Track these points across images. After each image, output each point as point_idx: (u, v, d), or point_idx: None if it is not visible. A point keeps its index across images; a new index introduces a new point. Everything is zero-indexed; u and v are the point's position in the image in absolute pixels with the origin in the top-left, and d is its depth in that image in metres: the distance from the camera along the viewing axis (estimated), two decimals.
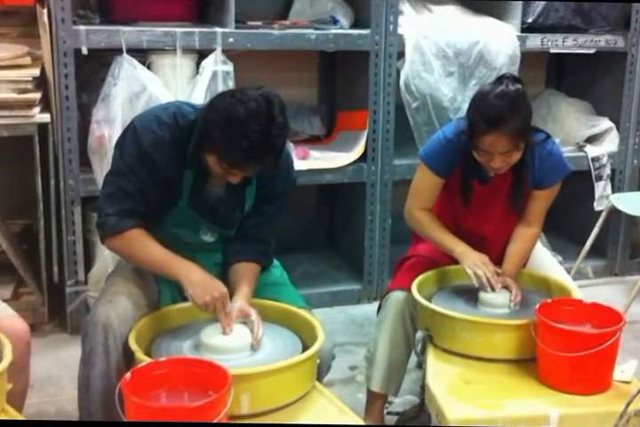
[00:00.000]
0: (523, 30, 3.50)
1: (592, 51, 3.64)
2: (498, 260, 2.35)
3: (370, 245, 3.52)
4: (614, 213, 3.69)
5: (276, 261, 2.28)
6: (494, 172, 2.26)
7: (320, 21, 3.28)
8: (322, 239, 3.96)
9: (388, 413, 2.56)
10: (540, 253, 2.55)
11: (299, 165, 3.25)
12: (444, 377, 2.03)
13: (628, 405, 1.84)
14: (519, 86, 2.18)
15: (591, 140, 3.89)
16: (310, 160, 3.36)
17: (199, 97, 2.95)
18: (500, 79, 2.20)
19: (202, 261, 2.06)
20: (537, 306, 2.03)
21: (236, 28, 3.04)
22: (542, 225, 2.41)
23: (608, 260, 4.03)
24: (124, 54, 2.88)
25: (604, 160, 3.84)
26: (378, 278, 3.55)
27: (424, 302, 2.17)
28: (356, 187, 3.49)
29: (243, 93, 1.83)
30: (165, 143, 1.93)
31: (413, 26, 3.31)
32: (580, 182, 3.88)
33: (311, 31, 3.18)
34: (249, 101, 1.79)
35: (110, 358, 1.86)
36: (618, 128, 3.84)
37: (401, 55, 3.33)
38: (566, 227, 4.24)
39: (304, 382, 1.83)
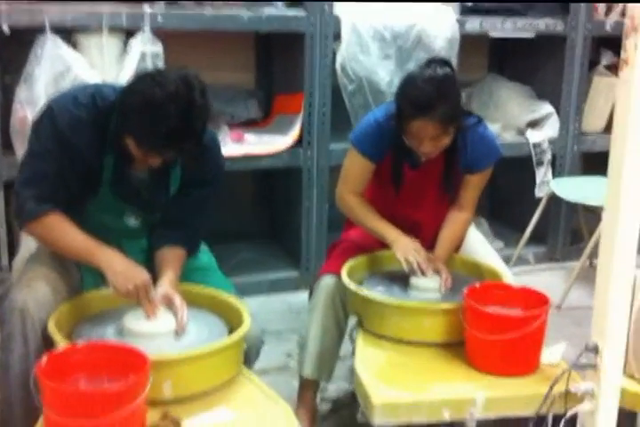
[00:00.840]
0: (462, 13, 3.57)
1: (532, 35, 3.72)
2: (431, 245, 2.42)
3: (307, 232, 3.56)
4: (555, 199, 3.79)
5: (204, 247, 2.31)
6: (425, 156, 2.32)
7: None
8: (260, 227, 3.99)
9: (322, 399, 2.62)
10: (474, 238, 2.62)
11: (233, 149, 3.29)
12: (372, 362, 2.08)
13: (552, 387, 1.92)
14: (448, 70, 2.23)
15: (532, 125, 3.98)
16: (245, 144, 3.38)
17: (126, 78, 2.94)
18: (429, 63, 2.25)
19: (128, 247, 2.08)
20: (465, 290, 2.10)
21: (166, 7, 3.05)
22: (474, 210, 2.48)
23: (549, 246, 4.13)
24: (48, 33, 2.86)
25: (545, 146, 3.94)
26: (316, 265, 3.59)
27: (353, 286, 2.23)
28: (292, 172, 3.53)
29: (161, 75, 1.84)
30: (83, 124, 1.93)
31: (350, 7, 3.35)
32: (521, 168, 3.98)
33: (244, 12, 3.20)
34: (167, 84, 1.81)
35: (29, 343, 1.87)
36: (558, 113, 3.94)
37: (337, 37, 3.36)
38: (508, 213, 4.34)
39: (228, 368, 1.86)
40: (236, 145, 3.36)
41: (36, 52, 2.86)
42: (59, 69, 2.87)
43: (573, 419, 1.94)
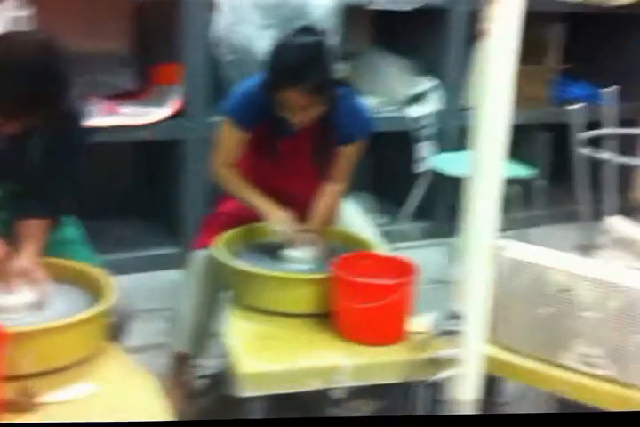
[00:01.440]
0: None
1: (410, 8, 3.80)
2: (306, 217, 2.46)
3: (187, 207, 3.55)
4: (437, 173, 3.90)
5: (71, 220, 2.28)
6: (297, 126, 2.35)
7: None
8: (139, 201, 3.96)
9: (202, 376, 2.64)
10: (350, 211, 2.68)
11: (106, 120, 3.25)
12: (242, 333, 2.12)
13: (417, 352, 2.01)
14: (319, 39, 2.26)
15: (415, 100, 4.07)
16: (119, 116, 3.35)
17: None
18: (300, 31, 2.27)
19: None
20: (334, 260, 2.15)
21: None
22: (348, 182, 2.53)
23: (434, 221, 4.24)
24: None
25: (426, 121, 4.04)
26: None
27: (224, 258, 2.25)
28: (172, 145, 3.51)
29: (16, 40, 1.81)
30: None
31: None
32: (403, 143, 4.07)
33: None
34: (21, 49, 1.78)
35: None
36: (441, 88, 4.04)
37: (214, 6, 3.35)
38: (394, 189, 4.44)
39: (91, 342, 1.86)
40: (110, 116, 3.31)
41: None
42: None
43: (441, 385, 2.04)
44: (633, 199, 4.40)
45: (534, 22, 4.29)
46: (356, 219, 2.65)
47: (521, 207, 3.48)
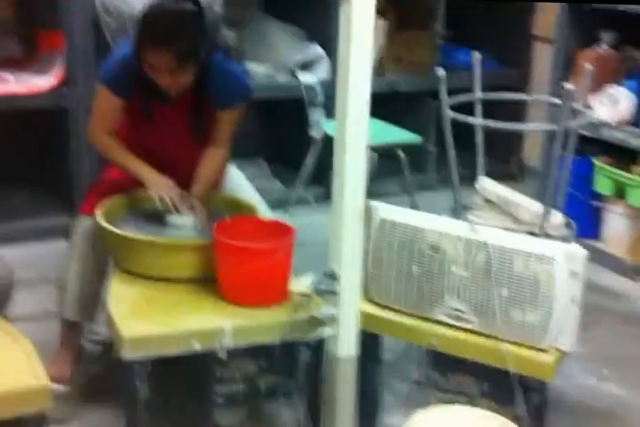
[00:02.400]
0: None
1: None
2: (189, 183, 2.46)
3: (76, 175, 3.50)
4: (330, 139, 3.92)
5: None
6: (170, 91, 2.34)
7: None
8: (29, 171, 3.87)
9: (95, 342, 2.64)
10: (234, 176, 2.70)
11: None
12: (124, 299, 2.13)
13: (294, 313, 2.06)
14: (190, 5, 2.26)
15: (304, 67, 4.09)
16: (3, 84, 3.26)
17: None
18: None
19: None
20: (215, 225, 2.17)
21: None
22: (230, 146, 2.54)
23: (327, 186, 4.27)
24: None
25: (318, 87, 4.06)
26: None
27: (105, 225, 2.24)
28: (58, 113, 3.44)
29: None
30: None
31: None
32: (297, 110, 4.09)
33: None
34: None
35: None
36: (330, 56, 4.06)
37: None
38: (288, 155, 4.45)
39: None
40: None
41: None
42: None
43: (321, 343, 2.09)
44: (519, 161, 4.56)
45: None
46: (241, 184, 2.67)
47: (410, 172, 3.55)
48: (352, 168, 2.01)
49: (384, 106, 4.27)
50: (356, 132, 1.99)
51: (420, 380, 2.19)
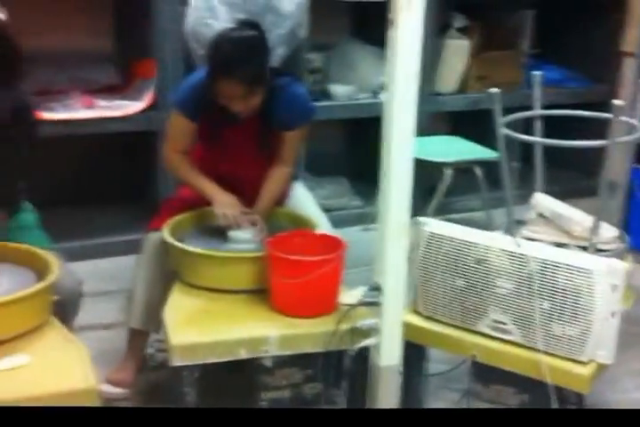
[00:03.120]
0: None
1: None
2: (254, 201, 2.55)
3: (160, 194, 3.65)
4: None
5: (28, 205, 2.40)
6: (239, 115, 2.44)
7: None
8: (121, 189, 4.06)
9: (159, 350, 2.75)
10: (299, 193, 2.77)
11: (83, 114, 3.37)
12: (180, 309, 2.22)
13: (338, 323, 2.09)
14: (255, 33, 2.36)
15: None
16: (96, 109, 3.46)
17: None
18: (238, 25, 2.38)
19: None
20: (269, 239, 2.25)
21: None
22: (294, 164, 2.62)
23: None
24: None
25: None
26: None
27: (169, 240, 2.35)
28: (145, 136, 3.61)
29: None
30: None
31: None
32: (378, 129, 4.13)
33: None
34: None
35: None
36: None
37: (185, 1, 3.44)
38: (368, 173, 4.46)
39: (29, 317, 1.97)
40: (88, 110, 3.43)
41: None
42: None
43: (365, 353, 2.13)
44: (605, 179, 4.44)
45: (506, 8, 4.36)
46: (304, 201, 2.74)
47: (492, 189, 3.53)
48: (397, 185, 2.04)
49: (468, 124, 4.29)
50: (400, 150, 2.03)
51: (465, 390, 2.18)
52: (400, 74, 1.97)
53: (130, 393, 2.51)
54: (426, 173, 4.23)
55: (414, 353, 2.20)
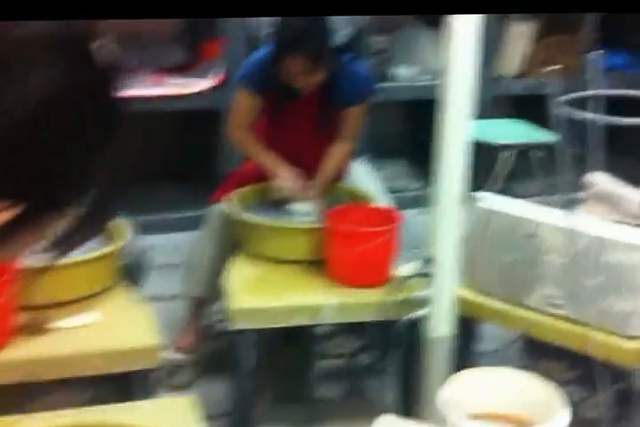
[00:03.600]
0: None
1: None
2: (313, 174, 2.61)
3: (226, 170, 3.73)
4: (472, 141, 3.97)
5: None
6: (301, 91, 2.50)
7: None
8: (184, 166, 4.16)
9: (219, 321, 2.84)
10: (360, 170, 2.82)
11: (152, 91, 3.47)
12: (240, 277, 2.30)
13: (391, 293, 2.15)
14: None
15: None
16: (166, 87, 3.56)
17: None
18: None
19: None
20: (324, 211, 2.31)
21: None
22: (354, 141, 2.67)
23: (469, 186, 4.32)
24: None
25: None
26: None
27: (230, 210, 2.43)
28: (213, 114, 3.70)
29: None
30: None
31: None
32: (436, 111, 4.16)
33: None
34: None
35: None
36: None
37: None
38: (427, 155, 4.48)
39: (97, 279, 2.08)
40: (157, 87, 3.53)
41: None
42: None
43: (416, 324, 2.17)
44: None
45: None
46: (364, 176, 2.79)
47: (546, 172, 3.53)
48: (450, 158, 2.08)
49: (531, 108, 4.28)
50: (454, 124, 2.06)
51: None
52: (456, 55, 1.99)
53: (192, 359, 2.60)
54: (486, 156, 4.26)
55: (466, 328, 2.23)
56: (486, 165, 4.35)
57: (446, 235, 2.07)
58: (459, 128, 2.06)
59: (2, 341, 1.87)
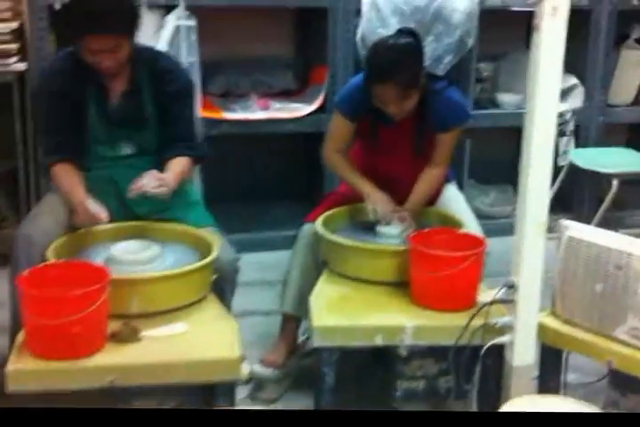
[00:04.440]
0: None
1: None
2: (406, 199, 2.63)
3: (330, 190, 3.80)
4: (575, 167, 3.91)
5: (196, 180, 2.62)
6: (394, 117, 2.53)
7: None
8: (294, 189, 4.25)
9: (308, 338, 2.88)
10: (451, 195, 2.81)
11: (260, 114, 3.59)
12: (325, 295, 2.34)
13: (471, 319, 2.14)
14: (411, 40, 2.45)
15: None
16: (270, 111, 3.67)
17: (162, 49, 3.26)
18: (396, 33, 2.48)
19: (121, 177, 2.40)
20: (412, 234, 2.32)
21: None
22: (447, 166, 2.67)
23: (575, 214, 4.23)
24: None
25: (568, 116, 4.04)
26: None
27: (320, 231, 2.48)
28: (316, 137, 3.78)
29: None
30: (62, 72, 2.36)
31: None
32: None
33: None
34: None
35: (33, 265, 2.21)
36: (584, 85, 4.04)
37: (359, 13, 3.59)
38: None
39: (190, 291, 2.15)
40: (263, 111, 3.64)
41: None
42: None
43: (499, 351, 2.16)
44: None
45: None
46: (456, 202, 2.78)
47: None
48: (535, 186, 2.07)
49: None
50: (540, 150, 2.05)
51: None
52: (542, 80, 1.98)
53: (280, 374, 2.65)
54: (592, 184, 4.18)
55: (552, 358, 2.19)
56: (592, 193, 4.28)
57: (529, 262, 2.06)
58: (544, 155, 2.04)
59: (95, 346, 1.97)
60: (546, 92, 1.98)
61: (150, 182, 2.25)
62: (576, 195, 4.21)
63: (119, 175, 2.42)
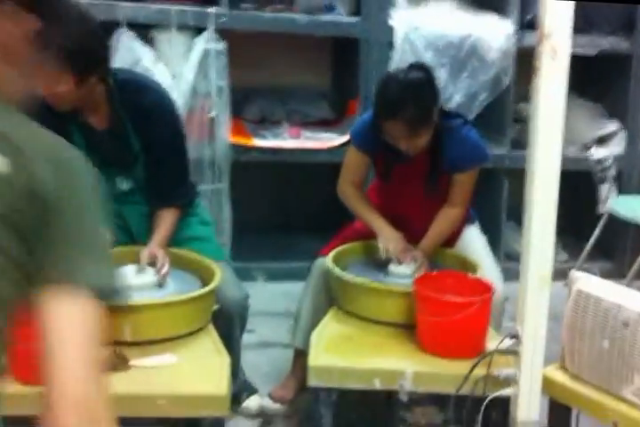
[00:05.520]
0: (521, 27, 3.65)
1: (594, 52, 3.75)
2: (419, 238, 2.55)
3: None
4: (616, 215, 3.79)
5: (206, 218, 2.57)
6: (406, 153, 2.45)
7: (314, 8, 3.53)
8: (321, 219, 4.20)
9: None
10: (471, 237, 2.72)
11: (289, 143, 3.56)
12: (328, 334, 2.26)
13: (472, 369, 2.05)
14: (422, 75, 2.36)
15: (598, 142, 4.00)
16: (300, 140, 3.63)
17: (190, 72, 3.26)
18: (408, 67, 2.40)
19: (128, 213, 2.38)
20: (417, 276, 2.25)
21: (230, 8, 3.34)
22: (466, 207, 2.58)
23: (616, 262, 4.11)
24: (123, 28, 3.21)
25: (609, 162, 3.94)
26: None
27: (329, 266, 2.41)
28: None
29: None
30: (42, 106, 2.09)
31: (404, 17, 3.52)
32: (586, 184, 4.00)
33: (302, 16, 3.44)
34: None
35: None
36: (626, 131, 3.94)
37: (391, 45, 3.54)
38: (577, 227, 4.34)
39: (185, 321, 2.10)
40: (293, 140, 3.61)
41: (112, 43, 3.21)
42: (130, 61, 3.21)
43: (504, 403, 2.06)
44: None
45: None
46: (475, 245, 2.70)
47: None
48: (538, 237, 1.98)
49: None
50: (543, 202, 1.97)
51: None
52: (542, 125, 1.89)
53: (287, 410, 2.58)
54: (621, 232, 4.04)
55: (561, 414, 2.09)
56: (634, 241, 4.14)
57: (532, 313, 1.96)
58: (548, 200, 1.95)
59: None
60: (547, 142, 1.88)
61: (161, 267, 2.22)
62: (617, 243, 4.09)
63: (127, 211, 2.40)
